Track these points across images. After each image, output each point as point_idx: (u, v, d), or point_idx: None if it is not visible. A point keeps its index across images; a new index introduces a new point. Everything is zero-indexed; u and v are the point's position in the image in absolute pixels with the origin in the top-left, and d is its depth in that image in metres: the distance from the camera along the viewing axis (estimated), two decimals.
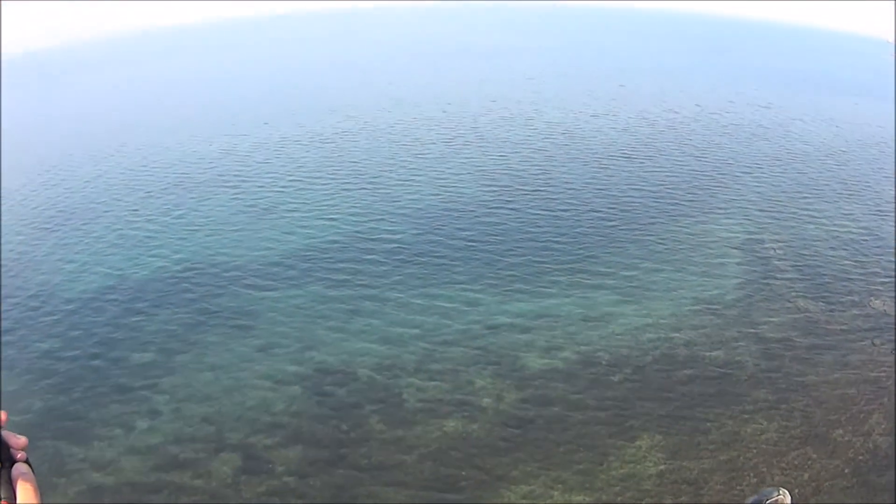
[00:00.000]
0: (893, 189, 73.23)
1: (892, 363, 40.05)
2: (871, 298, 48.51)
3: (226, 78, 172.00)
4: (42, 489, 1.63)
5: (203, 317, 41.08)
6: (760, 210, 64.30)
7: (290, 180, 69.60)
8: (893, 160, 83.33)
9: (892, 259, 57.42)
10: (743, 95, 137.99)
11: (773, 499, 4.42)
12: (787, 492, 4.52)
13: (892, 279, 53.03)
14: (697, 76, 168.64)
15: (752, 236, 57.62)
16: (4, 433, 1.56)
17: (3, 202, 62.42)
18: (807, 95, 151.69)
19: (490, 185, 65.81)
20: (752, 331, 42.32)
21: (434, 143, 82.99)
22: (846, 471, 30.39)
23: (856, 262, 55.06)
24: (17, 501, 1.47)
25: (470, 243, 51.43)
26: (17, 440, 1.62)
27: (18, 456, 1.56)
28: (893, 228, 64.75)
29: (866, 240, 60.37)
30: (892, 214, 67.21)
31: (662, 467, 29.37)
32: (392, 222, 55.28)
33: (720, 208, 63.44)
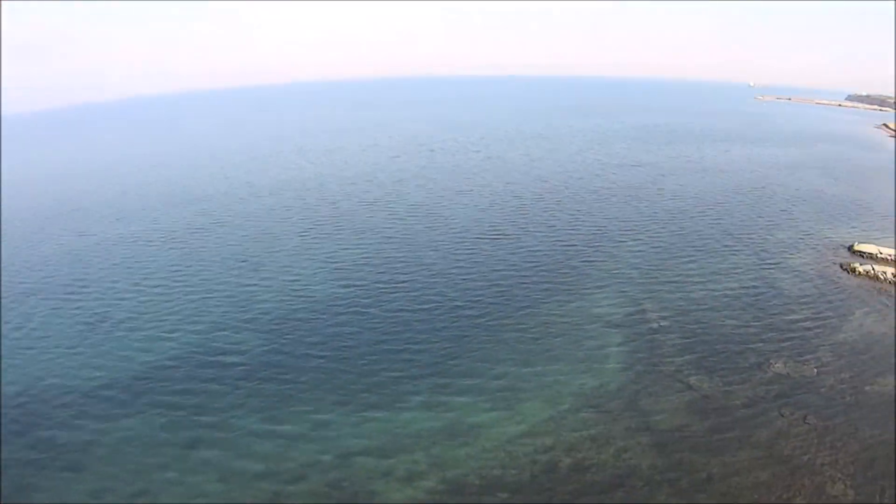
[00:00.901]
0: (774, 236, 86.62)
1: (806, 433, 41.77)
2: (771, 362, 51.88)
3: (82, 166, 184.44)
4: None
5: (33, 453, 41.11)
6: (640, 278, 71.72)
7: (132, 286, 72.64)
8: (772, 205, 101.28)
9: (790, 314, 62.88)
10: (613, 155, 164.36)
11: None
12: None
13: (793, 335, 57.51)
14: (564, 138, 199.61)
15: (633, 309, 62.53)
16: None
17: None
18: (677, 147, 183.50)
19: (345, 282, 71.09)
20: (643, 423, 43.05)
21: (288, 237, 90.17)
22: None
23: (748, 322, 60.27)
24: None
25: (319, 355, 53.61)
26: None
27: None
28: (788, 276, 73.27)
29: (757, 295, 67.79)
30: (781, 263, 77.67)
31: None
32: (237, 335, 58.26)
33: (596, 283, 69.73)
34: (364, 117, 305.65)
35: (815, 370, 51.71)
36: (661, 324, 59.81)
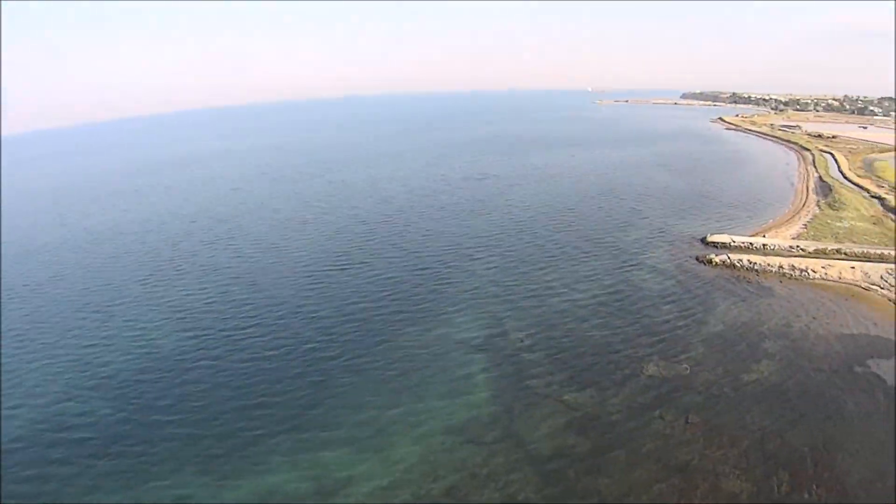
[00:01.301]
0: (628, 236, 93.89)
1: (692, 435, 43.96)
2: (644, 366, 54.26)
3: None
4: None
5: None
6: (499, 294, 73.51)
7: None
8: (621, 207, 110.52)
9: (655, 313, 67.07)
10: (457, 169, 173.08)
11: None
12: None
13: (661, 335, 60.96)
14: (407, 156, 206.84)
15: (495, 329, 63.52)
16: None
17: None
18: (523, 156, 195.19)
19: (191, 332, 67.79)
20: (524, 452, 42.73)
21: (129, 286, 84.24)
22: None
23: (615, 327, 62.99)
24: None
25: (172, 420, 50.39)
26: None
27: None
28: (649, 275, 78.32)
29: (621, 298, 71.48)
30: (639, 262, 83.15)
31: None
32: (84, 405, 53.74)
33: (454, 305, 70.48)
34: (204, 149, 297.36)
35: (689, 368, 55.00)
36: (526, 341, 60.93)
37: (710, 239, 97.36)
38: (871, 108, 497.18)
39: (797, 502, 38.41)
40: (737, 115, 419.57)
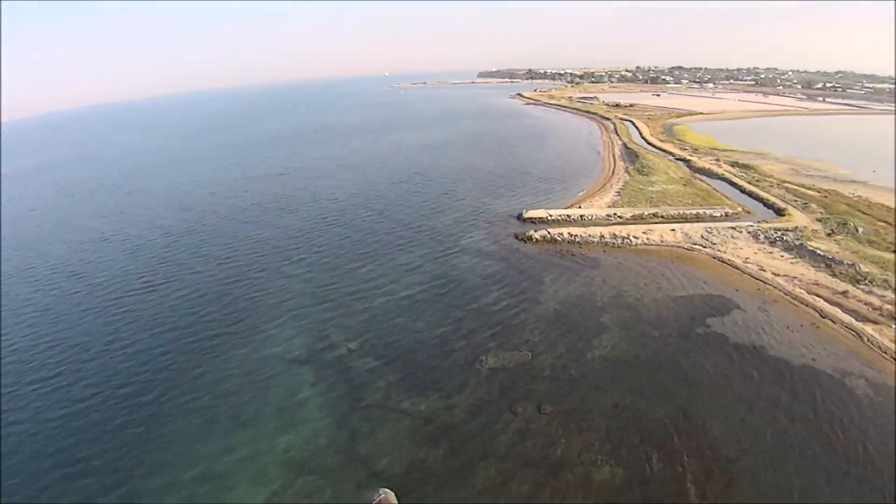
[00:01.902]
0: (445, 219, 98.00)
1: (547, 425, 45.36)
2: (482, 358, 54.93)
3: None
4: None
5: None
6: (316, 300, 72.00)
7: None
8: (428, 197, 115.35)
9: (484, 300, 69.12)
10: (257, 166, 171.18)
11: (378, 500, 23.68)
12: (389, 491, 24.23)
13: (495, 322, 62.77)
14: (204, 157, 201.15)
15: (317, 338, 61.78)
16: None
17: None
18: (323, 146, 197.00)
19: None
20: (372, 474, 42.00)
21: None
22: None
23: (445, 319, 63.82)
24: None
25: None
26: None
27: None
28: (471, 259, 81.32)
29: (446, 287, 72.85)
30: (459, 247, 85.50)
31: None
32: None
33: (269, 318, 67.83)
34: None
35: (530, 354, 56.61)
36: (351, 347, 59.32)
37: (527, 215, 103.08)
38: (663, 77, 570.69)
39: (671, 477, 40.80)
40: (534, 90, 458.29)
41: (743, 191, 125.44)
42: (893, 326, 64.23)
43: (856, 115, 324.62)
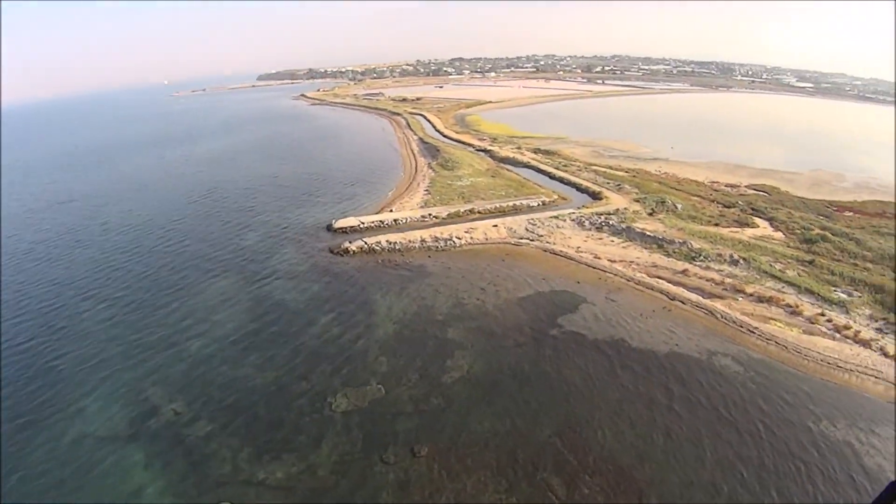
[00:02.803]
0: (248, 240, 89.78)
1: (428, 470, 41.51)
2: (332, 402, 50.02)
3: None
4: None
5: None
6: (126, 357, 61.39)
7: None
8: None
9: (306, 332, 63.33)
10: (35, 196, 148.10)
11: None
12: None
13: (329, 357, 57.65)
14: None
15: (136, 405, 52.66)
16: None
17: None
18: (106, 168, 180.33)
19: None
20: None
21: None
22: None
23: (277, 364, 57.20)
24: None
25: None
26: None
27: None
28: (287, 284, 75.42)
29: (267, 322, 65.75)
30: (272, 270, 79.07)
31: None
32: None
33: (76, 385, 56.59)
34: None
35: (382, 388, 51.78)
36: (178, 410, 50.86)
37: (338, 225, 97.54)
38: (445, 68, 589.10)
39: (581, 501, 38.86)
40: (318, 90, 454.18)
41: (552, 177, 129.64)
42: (739, 299, 66.83)
43: (639, 94, 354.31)
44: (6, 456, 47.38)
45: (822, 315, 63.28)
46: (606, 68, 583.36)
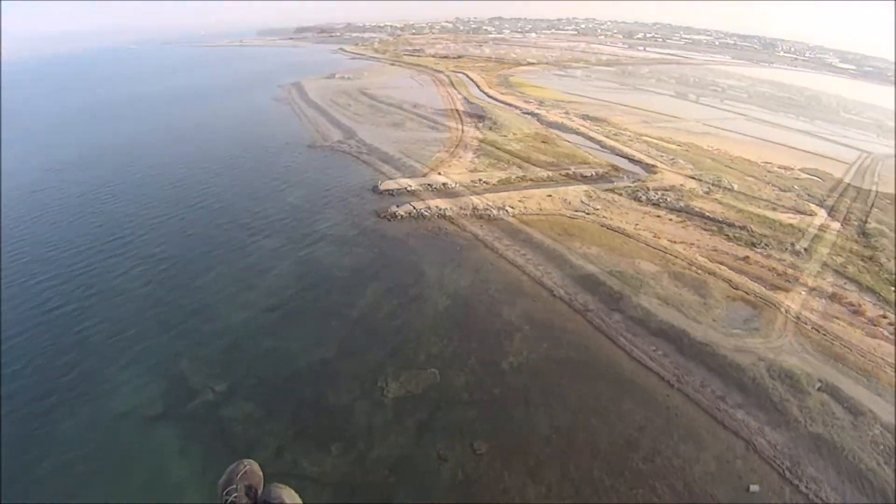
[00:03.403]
0: (289, 200, 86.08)
1: (489, 468, 38.12)
2: (384, 386, 45.96)
3: None
4: None
5: None
6: (162, 325, 56.24)
7: None
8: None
9: (363, 302, 59.79)
10: (97, 137, 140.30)
11: (243, 470, 7.48)
12: (252, 461, 7.65)
13: (384, 336, 53.25)
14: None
15: (174, 384, 48.73)
16: None
17: None
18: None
19: None
20: None
21: None
22: None
23: (322, 337, 53.25)
24: None
25: None
26: None
27: None
28: (335, 250, 71.72)
29: (311, 293, 61.48)
30: (319, 234, 74.34)
31: None
32: None
33: (109, 361, 51.84)
34: None
35: (437, 372, 48.29)
36: (218, 389, 47.05)
37: (383, 187, 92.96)
38: (485, 27, 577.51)
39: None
40: (356, 45, 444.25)
41: (603, 146, 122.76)
42: (802, 293, 62.12)
43: (682, 63, 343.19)
44: (48, 434, 44.07)
45: (884, 317, 58.61)
46: (648, 35, 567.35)
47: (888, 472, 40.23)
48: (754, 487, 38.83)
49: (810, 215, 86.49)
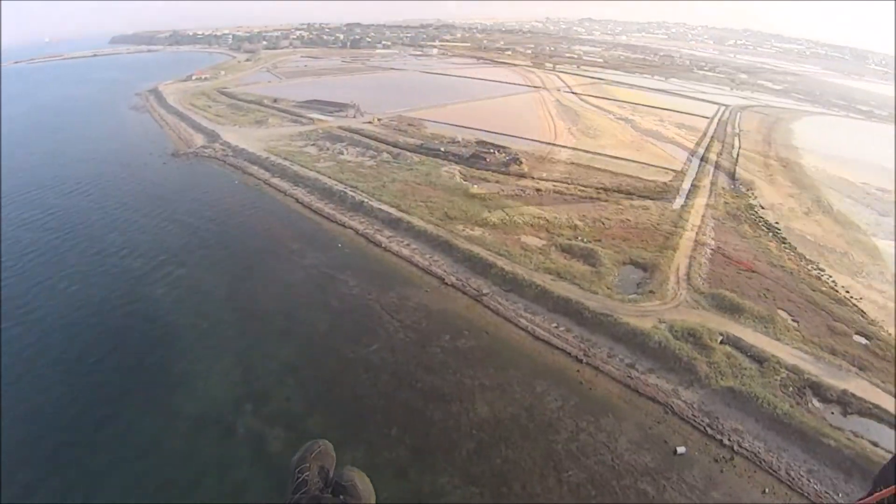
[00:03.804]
0: None
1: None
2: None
3: None
4: None
5: None
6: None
7: None
8: None
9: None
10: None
11: (318, 450, 7.29)
12: (327, 441, 7.46)
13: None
14: None
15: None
16: None
17: None
18: None
19: None
20: None
21: None
22: None
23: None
24: None
25: None
26: None
27: None
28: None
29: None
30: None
31: None
32: None
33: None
34: None
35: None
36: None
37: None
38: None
39: None
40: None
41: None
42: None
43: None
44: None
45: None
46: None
47: (802, 412, 44.01)
48: (681, 449, 41.49)
49: None
